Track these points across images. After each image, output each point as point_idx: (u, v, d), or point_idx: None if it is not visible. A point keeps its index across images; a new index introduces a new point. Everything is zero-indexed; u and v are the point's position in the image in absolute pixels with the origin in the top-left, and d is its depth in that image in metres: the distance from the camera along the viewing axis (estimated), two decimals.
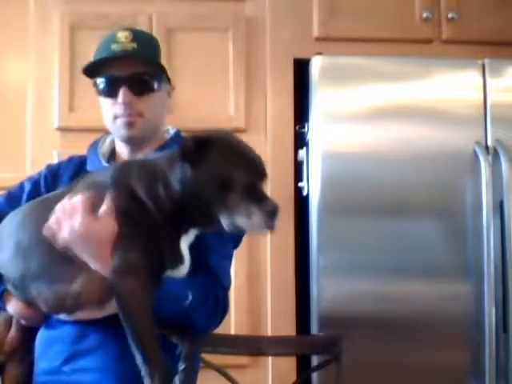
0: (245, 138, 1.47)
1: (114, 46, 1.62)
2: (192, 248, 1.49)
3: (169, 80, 1.73)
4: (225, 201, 1.36)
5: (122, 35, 1.63)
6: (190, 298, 1.46)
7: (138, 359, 1.34)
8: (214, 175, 1.37)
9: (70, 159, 1.80)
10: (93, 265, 1.40)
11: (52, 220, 1.43)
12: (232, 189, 1.36)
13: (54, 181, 1.71)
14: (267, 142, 2.83)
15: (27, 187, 1.73)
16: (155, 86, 1.66)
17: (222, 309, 1.55)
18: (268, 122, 2.85)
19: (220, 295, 1.55)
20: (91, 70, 1.67)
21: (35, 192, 1.69)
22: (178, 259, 1.44)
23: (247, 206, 1.35)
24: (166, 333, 1.48)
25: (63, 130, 2.77)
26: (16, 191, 1.74)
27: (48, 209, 1.48)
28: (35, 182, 1.74)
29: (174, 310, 1.45)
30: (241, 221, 1.36)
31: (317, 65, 2.62)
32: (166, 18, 2.84)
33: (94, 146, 1.77)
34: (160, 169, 1.43)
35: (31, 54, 2.83)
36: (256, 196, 1.37)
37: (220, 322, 1.58)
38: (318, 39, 2.88)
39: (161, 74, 1.68)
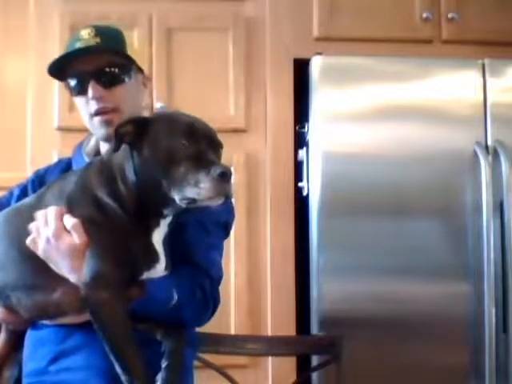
0: (245, 138, 1.47)
1: (78, 44, 1.61)
2: (174, 244, 1.48)
3: (141, 70, 1.70)
4: (172, 175, 1.34)
5: (85, 32, 1.62)
6: (176, 297, 1.44)
7: (118, 369, 1.34)
8: (157, 152, 1.37)
9: (58, 162, 1.82)
10: (68, 276, 1.40)
11: (31, 233, 1.43)
12: (177, 161, 1.34)
13: (41, 185, 1.70)
14: (267, 142, 2.83)
15: (16, 193, 1.75)
16: (124, 76, 1.63)
17: (212, 300, 1.53)
18: (268, 122, 2.84)
19: (207, 286, 1.52)
20: (59, 72, 1.66)
21: (23, 197, 1.68)
22: (153, 258, 1.43)
23: (194, 174, 1.32)
24: (150, 330, 1.48)
25: (63, 129, 2.77)
26: (5, 198, 1.76)
27: (20, 218, 1.49)
28: (23, 188, 1.75)
29: (160, 312, 1.45)
30: (190, 191, 1.33)
31: (317, 65, 2.62)
32: (166, 17, 2.84)
33: (79, 146, 1.77)
34: (117, 163, 1.43)
35: (31, 54, 2.83)
36: (202, 163, 1.33)
37: (212, 314, 1.56)
38: (318, 39, 2.88)
39: (128, 63, 1.64)
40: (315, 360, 2.39)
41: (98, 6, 2.79)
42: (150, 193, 1.39)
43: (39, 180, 1.75)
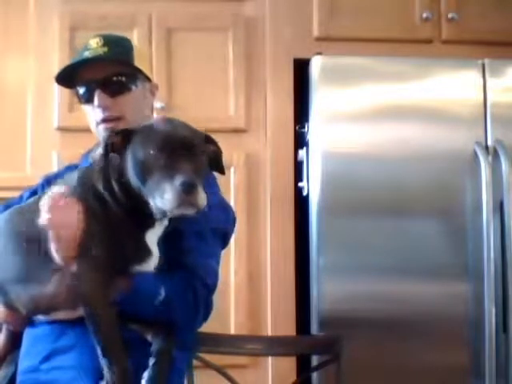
0: (245, 138, 1.47)
1: (86, 53, 1.66)
2: (171, 251, 1.51)
3: (149, 79, 1.74)
4: (147, 185, 1.38)
5: (94, 41, 1.67)
6: (163, 293, 1.47)
7: (99, 352, 1.38)
8: (134, 162, 1.41)
9: (67, 168, 1.85)
10: (61, 261, 1.43)
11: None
12: (149, 172, 1.38)
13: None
14: (267, 142, 2.83)
15: (25, 196, 1.79)
16: (130, 85, 1.67)
17: (204, 306, 1.55)
18: (268, 122, 2.84)
19: (200, 291, 1.54)
20: (69, 80, 1.70)
21: None
22: (145, 254, 1.47)
23: (161, 185, 1.35)
24: (141, 330, 1.50)
25: (63, 129, 2.77)
26: (15, 201, 1.79)
27: (21, 215, 1.53)
28: (33, 192, 1.79)
29: (146, 306, 1.47)
30: (158, 202, 1.36)
31: (317, 65, 2.62)
32: (166, 18, 2.84)
33: (87, 154, 1.81)
34: (113, 165, 1.47)
35: (31, 54, 2.83)
36: (170, 173, 1.35)
37: (204, 320, 1.58)
38: (318, 39, 2.88)
39: (134, 72, 1.69)
40: (315, 360, 2.39)
41: (98, 7, 2.80)
42: (137, 198, 1.42)
43: (48, 184, 1.77)
